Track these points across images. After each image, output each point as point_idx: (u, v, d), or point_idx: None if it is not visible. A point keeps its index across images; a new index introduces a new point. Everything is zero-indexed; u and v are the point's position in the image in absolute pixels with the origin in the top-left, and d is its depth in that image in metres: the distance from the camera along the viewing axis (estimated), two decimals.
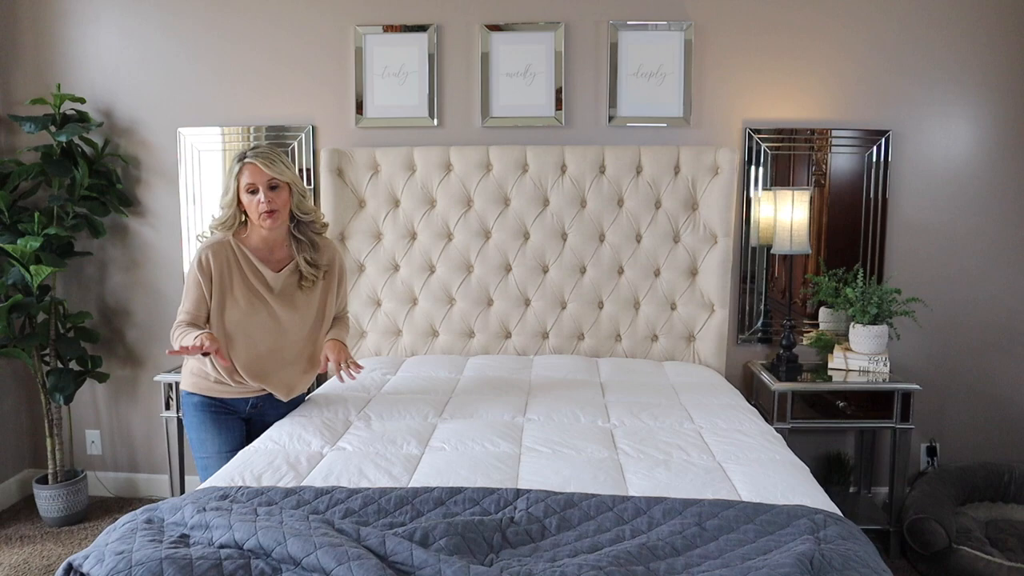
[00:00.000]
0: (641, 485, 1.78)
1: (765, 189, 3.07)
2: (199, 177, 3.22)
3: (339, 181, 3.07)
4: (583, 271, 3.07)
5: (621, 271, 3.06)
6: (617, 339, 3.09)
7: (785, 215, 2.87)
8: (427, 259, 3.10)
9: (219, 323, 2.18)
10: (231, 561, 1.35)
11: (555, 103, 3.11)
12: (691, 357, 3.07)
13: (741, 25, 3.06)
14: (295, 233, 2.26)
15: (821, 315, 3.15)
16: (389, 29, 3.13)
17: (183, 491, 3.09)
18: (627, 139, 3.11)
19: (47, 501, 3.14)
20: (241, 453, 2.00)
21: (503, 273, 3.08)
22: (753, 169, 3.10)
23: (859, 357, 2.90)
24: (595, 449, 2.01)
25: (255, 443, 2.05)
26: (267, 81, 3.19)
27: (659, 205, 3.03)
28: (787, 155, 3.09)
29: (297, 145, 3.18)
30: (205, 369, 2.22)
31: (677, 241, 3.03)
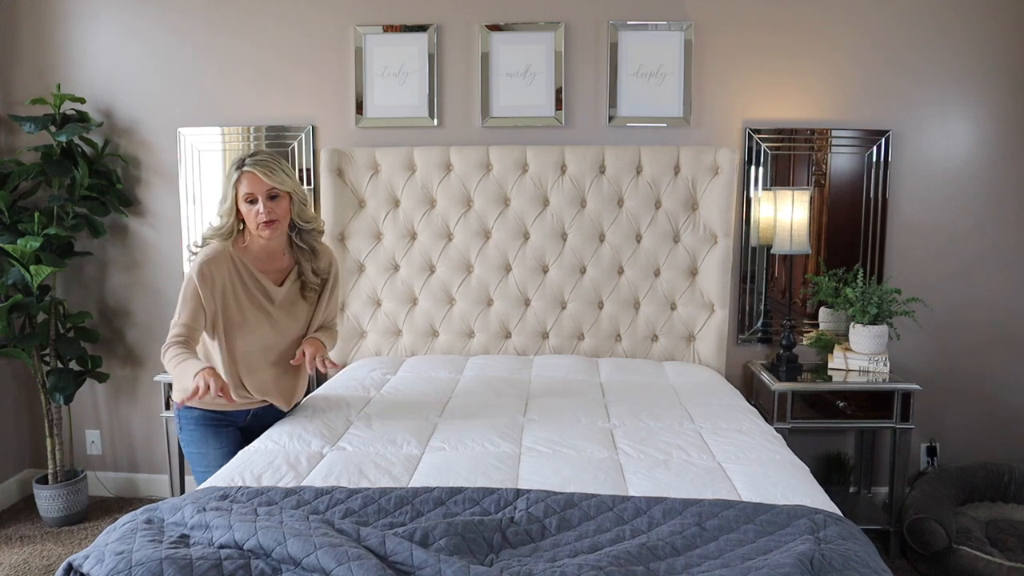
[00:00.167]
0: (641, 485, 1.78)
1: (765, 189, 3.07)
2: (199, 177, 3.22)
3: (339, 181, 3.07)
4: (583, 271, 3.07)
5: (621, 271, 3.06)
6: (617, 339, 3.09)
7: (785, 215, 2.87)
8: (427, 259, 3.10)
9: (220, 337, 2.09)
10: (231, 561, 1.35)
11: (555, 103, 3.11)
12: (691, 357, 3.07)
13: (741, 25, 3.06)
14: (296, 241, 2.19)
15: (821, 315, 3.15)
16: (389, 29, 3.13)
17: (183, 491, 3.09)
18: (627, 139, 3.11)
19: (47, 501, 3.14)
20: (241, 453, 2.00)
21: (503, 273, 3.08)
22: (753, 169, 3.10)
23: (859, 357, 2.90)
24: (595, 449, 2.01)
25: (255, 443, 2.05)
26: (267, 81, 3.19)
27: (659, 205, 3.03)
28: (787, 155, 3.09)
29: (297, 145, 3.18)
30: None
31: (677, 241, 3.03)
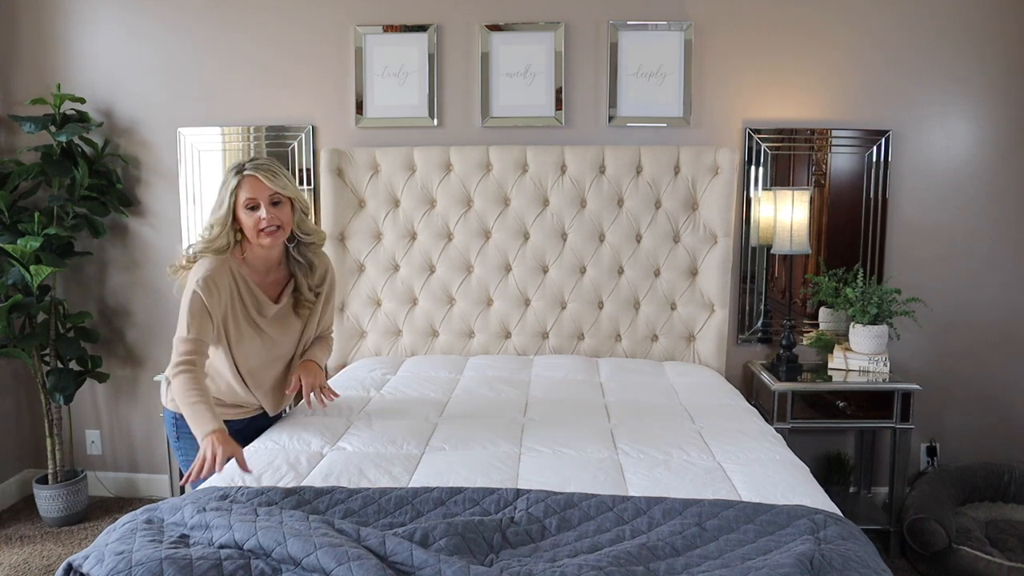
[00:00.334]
0: (641, 485, 1.78)
1: (765, 189, 3.07)
2: (199, 177, 3.22)
3: (339, 181, 3.07)
4: (583, 271, 3.07)
5: (621, 271, 3.06)
6: (617, 339, 3.09)
7: (785, 215, 2.87)
8: (427, 259, 3.10)
9: (222, 353, 2.04)
10: (231, 561, 1.35)
11: (555, 103, 3.11)
12: (691, 357, 3.07)
13: (741, 25, 3.06)
14: (293, 255, 2.10)
15: (821, 315, 3.15)
16: (389, 29, 3.13)
17: (183, 491, 3.09)
18: (627, 139, 3.11)
19: (47, 501, 3.14)
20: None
21: (503, 273, 3.08)
22: (753, 169, 3.10)
23: (859, 357, 2.90)
24: (595, 449, 2.00)
25: (255, 443, 2.05)
26: (267, 81, 3.19)
27: (659, 205, 3.03)
28: (787, 155, 3.09)
29: (297, 145, 3.18)
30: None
31: (677, 241, 3.03)
